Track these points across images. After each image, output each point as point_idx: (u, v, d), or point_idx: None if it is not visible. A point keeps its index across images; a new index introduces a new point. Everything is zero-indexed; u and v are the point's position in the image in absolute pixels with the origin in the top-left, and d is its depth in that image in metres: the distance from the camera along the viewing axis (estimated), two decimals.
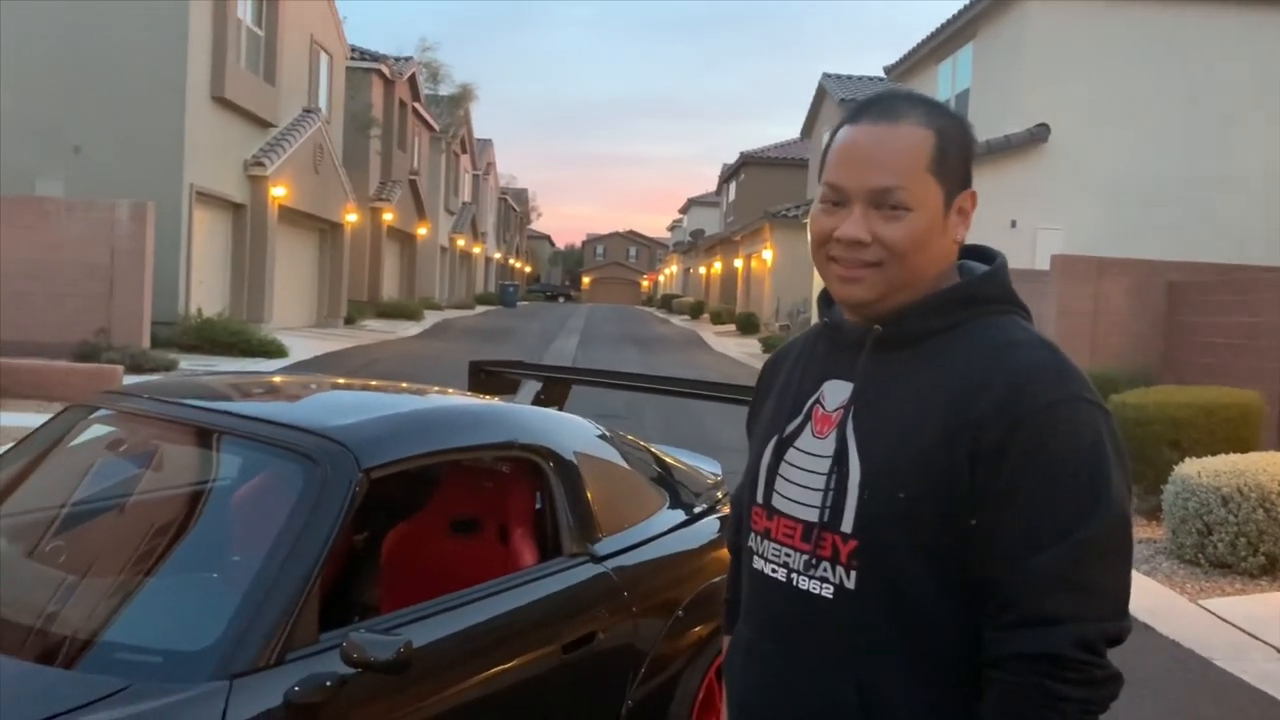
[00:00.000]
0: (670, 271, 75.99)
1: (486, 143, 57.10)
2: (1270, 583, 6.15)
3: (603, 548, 2.87)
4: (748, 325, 31.73)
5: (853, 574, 1.33)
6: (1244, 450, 7.22)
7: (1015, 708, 1.23)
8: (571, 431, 3.13)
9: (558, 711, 2.64)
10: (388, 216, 30.12)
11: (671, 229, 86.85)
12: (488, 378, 4.70)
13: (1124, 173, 15.07)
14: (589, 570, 2.79)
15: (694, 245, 57.54)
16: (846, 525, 1.33)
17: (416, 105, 34.75)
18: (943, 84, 20.60)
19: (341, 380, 3.64)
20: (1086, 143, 15.04)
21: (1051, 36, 15.52)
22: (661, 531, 3.13)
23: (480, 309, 45.34)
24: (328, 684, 2.04)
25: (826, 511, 1.35)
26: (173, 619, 2.28)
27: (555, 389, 4.54)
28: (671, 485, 3.44)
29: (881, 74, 25.07)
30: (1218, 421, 7.77)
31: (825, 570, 1.35)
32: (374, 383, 3.70)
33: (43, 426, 2.92)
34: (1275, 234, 14.55)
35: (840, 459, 1.36)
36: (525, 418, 3.11)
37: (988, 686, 1.27)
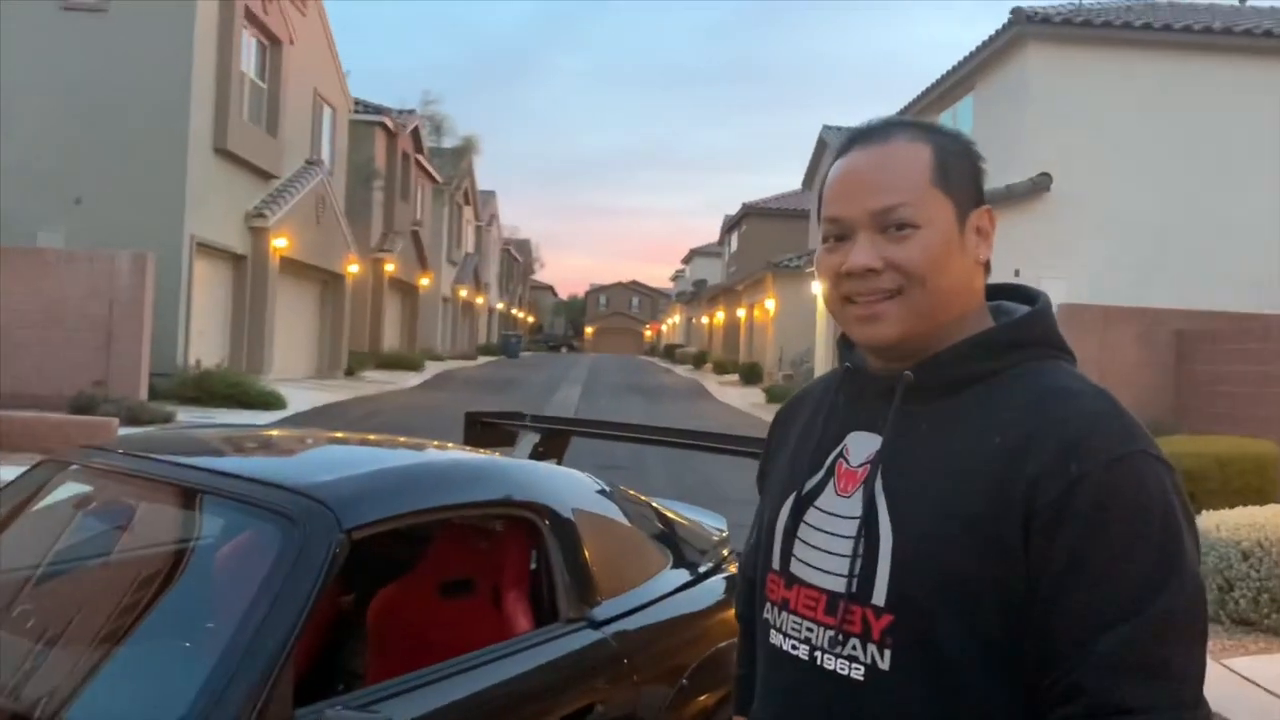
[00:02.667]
0: (673, 321, 76.09)
1: (490, 194, 57.47)
2: None
3: (602, 612, 2.70)
4: (751, 375, 31.62)
5: (886, 653, 1.16)
6: (1261, 502, 7.05)
7: None
8: (569, 487, 2.98)
9: None
10: (390, 267, 30.17)
11: (674, 279, 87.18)
12: (484, 430, 4.56)
13: (1127, 221, 15.03)
14: (587, 636, 2.62)
15: (696, 295, 57.66)
16: (878, 598, 1.16)
17: (419, 157, 35.00)
18: None
19: (334, 434, 3.50)
20: (1089, 191, 15.01)
21: (1051, 86, 15.56)
22: (664, 593, 2.96)
23: (482, 360, 45.29)
24: None
25: (854, 581, 1.18)
26: (139, 693, 2.11)
27: (554, 441, 4.39)
28: (675, 543, 3.28)
29: None
30: (1233, 473, 7.61)
31: (855, 648, 1.18)
32: (368, 437, 3.56)
33: (11, 484, 2.78)
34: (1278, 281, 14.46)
35: (869, 521, 1.19)
36: (521, 473, 2.96)
37: None
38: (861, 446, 1.26)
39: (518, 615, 2.72)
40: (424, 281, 35.85)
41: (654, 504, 3.49)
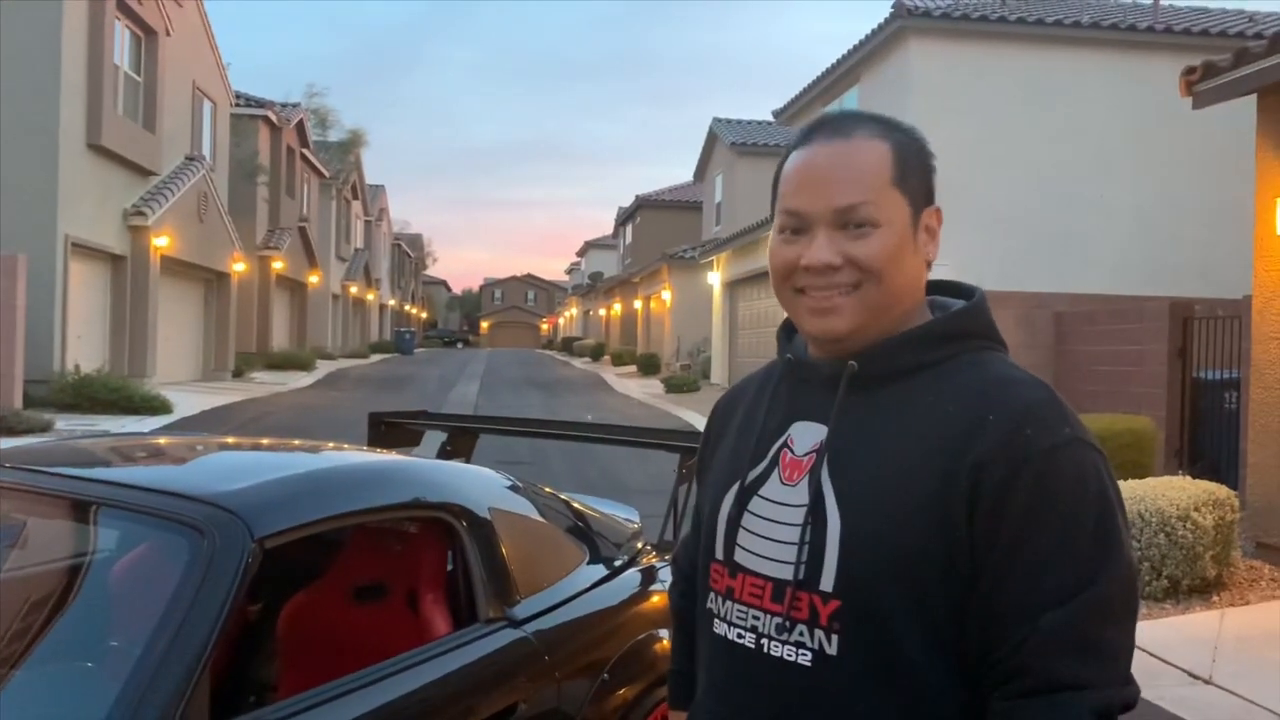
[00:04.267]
0: (570, 314, 75.93)
1: (378, 188, 56.34)
2: (1174, 606, 6.26)
3: (521, 610, 2.68)
4: (649, 366, 31.75)
5: (834, 638, 1.18)
6: (1139, 475, 7.39)
7: None
8: (482, 485, 2.95)
9: None
10: (277, 265, 29.37)
11: (569, 272, 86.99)
12: (388, 430, 4.48)
13: (1007, 209, 15.56)
14: (507, 636, 2.60)
15: (593, 288, 57.64)
16: (826, 583, 1.18)
17: (305, 151, 34.11)
18: None
19: (229, 439, 3.39)
20: (971, 181, 15.50)
21: (933, 79, 16.00)
22: (583, 589, 2.96)
23: (375, 357, 44.41)
24: None
25: (802, 568, 1.20)
26: (43, 717, 2.02)
27: (461, 440, 4.34)
28: (590, 538, 3.28)
29: (770, 118, 25.58)
30: (1113, 448, 7.95)
31: (802, 634, 1.20)
32: (264, 441, 3.47)
33: None
34: (1148, 265, 15.18)
35: (816, 509, 1.21)
36: (432, 473, 2.92)
37: None
38: (806, 436, 1.28)
39: (435, 618, 2.68)
40: (313, 279, 34.99)
41: (566, 499, 3.48)
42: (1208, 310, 10.27)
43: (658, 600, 3.26)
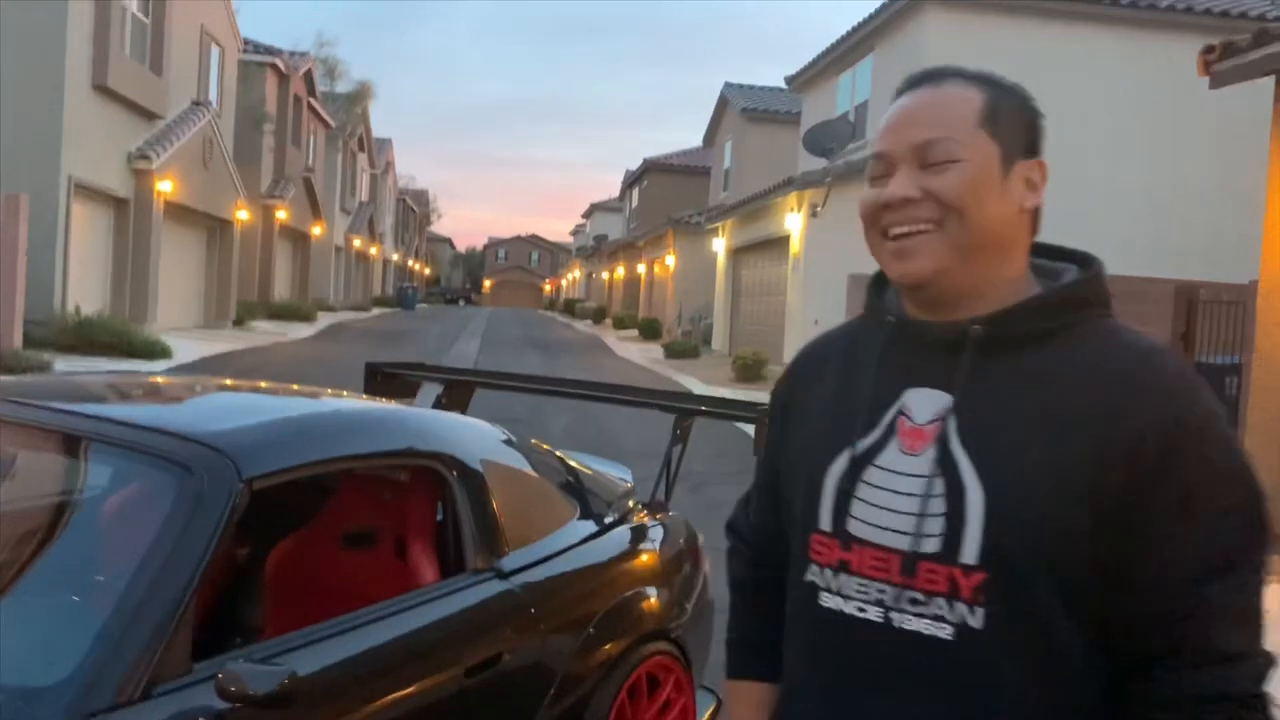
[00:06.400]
0: (573, 276, 75.79)
1: (385, 142, 56.04)
2: None
3: (509, 562, 2.69)
4: (650, 331, 31.74)
5: (979, 611, 1.15)
6: None
7: None
8: (476, 437, 2.94)
9: None
10: (281, 215, 29.25)
11: (574, 234, 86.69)
12: (385, 380, 4.47)
13: None
14: (495, 587, 2.61)
15: (597, 250, 57.47)
16: (969, 555, 1.16)
17: (312, 101, 33.89)
18: (843, 95, 20.91)
19: (226, 381, 3.38)
20: None
21: (948, 49, 15.83)
22: (572, 544, 2.97)
23: (377, 311, 44.40)
24: None
25: (937, 540, 1.17)
26: (21, 650, 2.01)
27: (457, 393, 4.33)
28: (581, 494, 3.28)
29: (783, 84, 25.39)
30: None
31: (940, 608, 1.17)
32: (261, 384, 3.46)
33: None
34: (1154, 246, 15.12)
35: (950, 479, 1.18)
36: (426, 422, 2.92)
37: None
38: (925, 403, 1.23)
39: (423, 566, 2.69)
40: (316, 230, 34.86)
41: (559, 455, 3.48)
42: (1213, 294, 10.23)
43: (646, 559, 3.27)
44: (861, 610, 1.22)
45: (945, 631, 1.17)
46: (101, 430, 2.30)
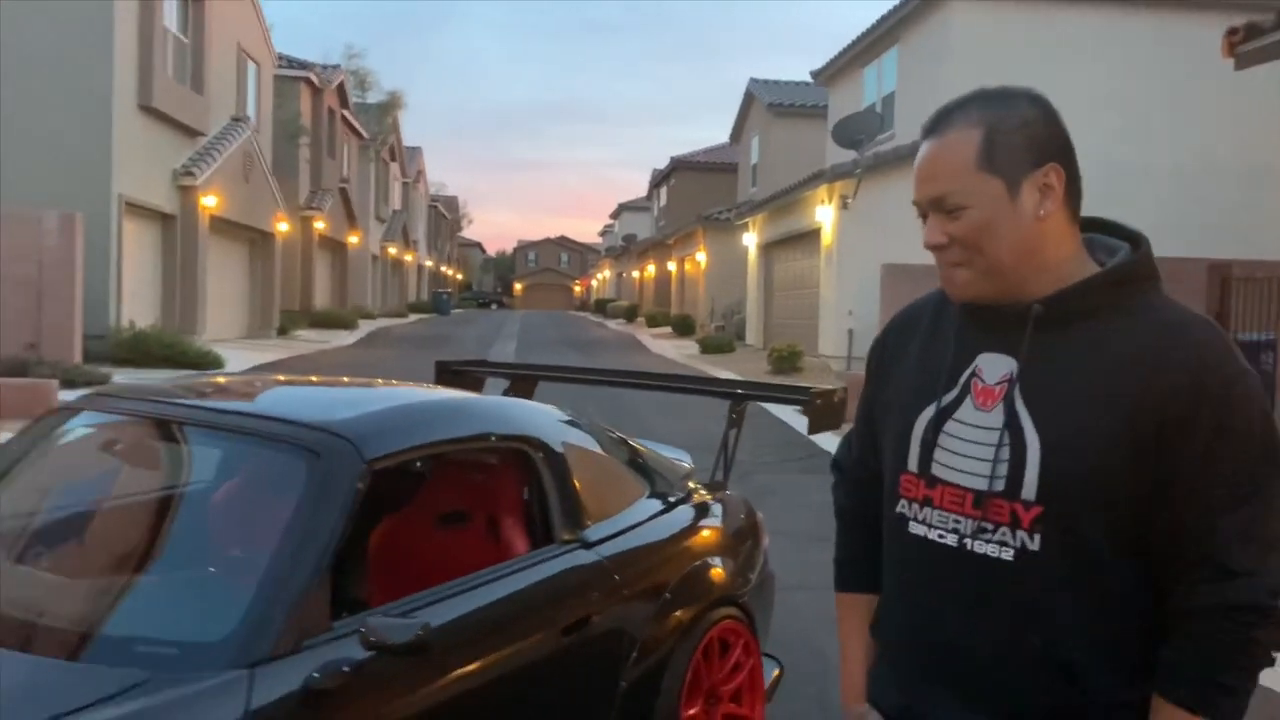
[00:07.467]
0: (603, 276, 75.99)
1: (415, 150, 56.58)
2: None
3: (592, 534, 2.95)
4: (684, 327, 31.91)
5: (1036, 537, 1.41)
6: None
7: (1218, 653, 1.35)
8: (553, 421, 3.20)
9: (558, 692, 2.72)
10: (319, 225, 29.75)
11: (603, 234, 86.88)
12: (453, 376, 4.77)
13: None
14: (582, 556, 2.87)
15: (626, 250, 57.68)
16: (1028, 493, 1.41)
17: (345, 113, 34.39)
18: (869, 88, 21.01)
19: (317, 378, 3.66)
20: None
21: (974, 39, 15.95)
22: (645, 518, 3.23)
23: (414, 317, 44.91)
24: (345, 669, 2.10)
25: (1002, 481, 1.43)
26: (185, 613, 2.30)
27: (522, 385, 4.62)
28: (649, 473, 3.54)
29: (808, 79, 25.47)
30: None
31: (1004, 535, 1.43)
32: (345, 379, 3.72)
33: (27, 430, 2.91)
34: (1185, 227, 15.12)
35: (1014, 431, 1.43)
36: (509, 409, 3.18)
37: (1180, 635, 1.38)
38: (994, 366, 1.49)
39: (514, 540, 2.96)
40: (353, 239, 35.40)
41: (624, 437, 3.74)
42: (1247, 271, 10.30)
43: (711, 533, 3.52)
44: (941, 537, 1.50)
45: (1008, 554, 1.43)
46: (235, 422, 2.57)
